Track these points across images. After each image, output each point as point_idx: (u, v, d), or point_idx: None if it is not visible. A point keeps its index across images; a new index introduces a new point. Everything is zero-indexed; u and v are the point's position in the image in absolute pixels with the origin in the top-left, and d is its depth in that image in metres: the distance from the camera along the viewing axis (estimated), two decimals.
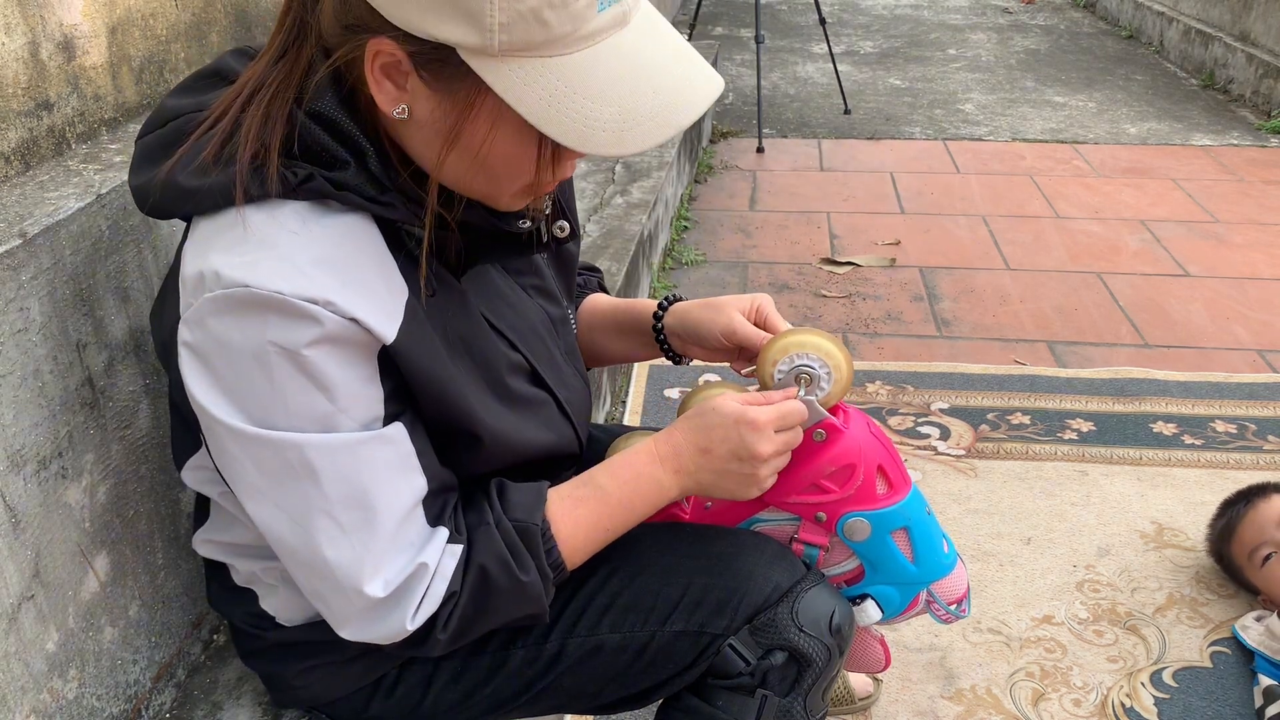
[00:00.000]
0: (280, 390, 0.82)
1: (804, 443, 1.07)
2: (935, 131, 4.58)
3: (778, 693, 1.03)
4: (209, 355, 0.83)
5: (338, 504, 0.86)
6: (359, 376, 0.85)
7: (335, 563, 0.87)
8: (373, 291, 0.84)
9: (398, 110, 0.83)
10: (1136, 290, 3.06)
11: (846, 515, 1.08)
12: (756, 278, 3.19)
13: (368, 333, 0.83)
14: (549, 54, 0.78)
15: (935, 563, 1.13)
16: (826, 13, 6.21)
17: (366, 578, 0.87)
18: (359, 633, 0.91)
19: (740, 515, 1.13)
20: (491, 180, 0.87)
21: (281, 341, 0.81)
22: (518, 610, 0.95)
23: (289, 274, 0.80)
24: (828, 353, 1.07)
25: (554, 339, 1.08)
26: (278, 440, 0.83)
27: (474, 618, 0.93)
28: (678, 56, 0.84)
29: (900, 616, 1.16)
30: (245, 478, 0.87)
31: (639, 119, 0.80)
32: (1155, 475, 2.19)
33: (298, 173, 0.83)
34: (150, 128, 0.94)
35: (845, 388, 1.08)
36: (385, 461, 0.87)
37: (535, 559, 0.94)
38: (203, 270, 0.82)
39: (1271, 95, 4.70)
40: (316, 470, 0.84)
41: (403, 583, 0.88)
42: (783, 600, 1.03)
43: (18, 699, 0.99)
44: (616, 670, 1.05)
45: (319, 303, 0.80)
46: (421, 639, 0.92)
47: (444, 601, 0.91)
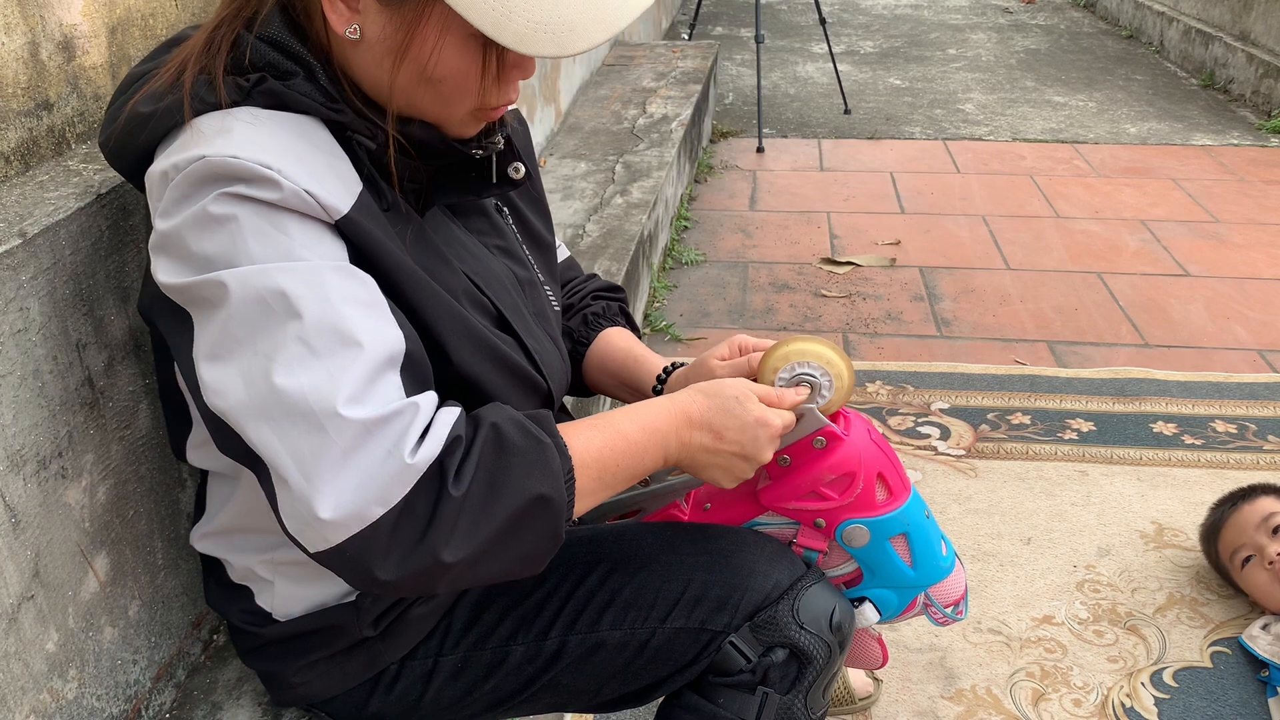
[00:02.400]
0: (239, 231, 0.81)
1: (804, 450, 1.07)
2: (935, 131, 4.58)
3: (779, 690, 1.03)
4: (175, 237, 0.83)
5: (311, 328, 0.78)
6: (316, 235, 0.84)
7: (306, 388, 0.76)
8: (325, 176, 0.85)
9: (350, 30, 0.86)
10: (1136, 290, 3.06)
11: (845, 522, 1.08)
12: (756, 278, 3.19)
13: (320, 205, 0.83)
14: None
15: (933, 566, 1.13)
16: (826, 13, 6.21)
17: (344, 399, 0.76)
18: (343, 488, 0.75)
19: (739, 519, 1.13)
20: (440, 98, 0.89)
21: (239, 191, 0.81)
22: (536, 483, 0.81)
23: (244, 144, 0.82)
24: (829, 361, 1.07)
25: (521, 296, 1.06)
26: (242, 272, 0.79)
27: (491, 480, 0.79)
28: None
29: (898, 618, 1.16)
30: (214, 338, 0.81)
31: (578, 22, 0.83)
32: (1155, 475, 2.19)
33: (250, 78, 0.86)
34: (116, 97, 0.96)
35: (846, 396, 1.08)
36: (360, 296, 0.82)
37: (551, 435, 0.85)
38: (164, 169, 0.84)
39: (1272, 95, 4.70)
40: (286, 293, 0.79)
41: (390, 412, 0.77)
42: (783, 598, 1.03)
43: (18, 699, 0.99)
44: (617, 667, 1.05)
45: (273, 167, 0.81)
46: (429, 503, 0.77)
47: (448, 445, 0.79)
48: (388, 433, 0.77)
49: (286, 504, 0.79)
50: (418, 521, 0.77)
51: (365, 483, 0.75)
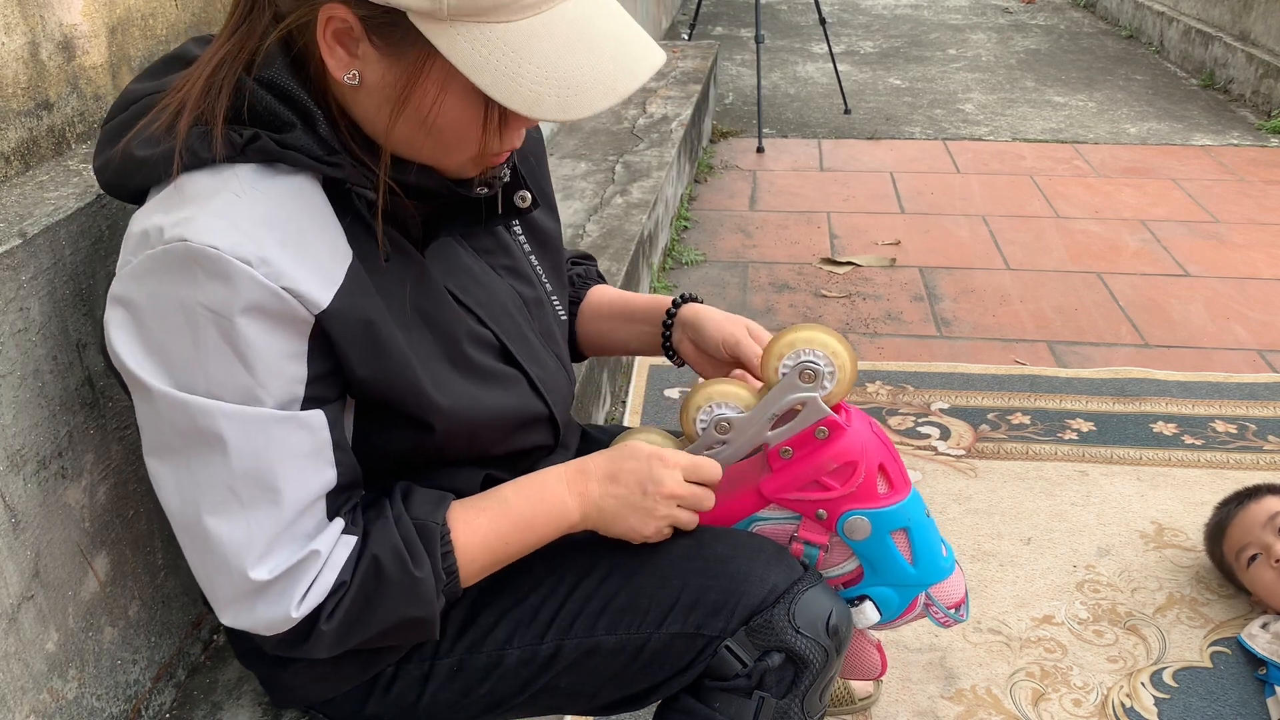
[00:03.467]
0: (203, 354, 0.82)
1: (806, 440, 1.08)
2: (935, 131, 4.58)
3: (775, 694, 1.02)
4: (139, 311, 0.83)
5: (241, 478, 0.84)
6: (284, 351, 0.84)
7: (226, 539, 0.85)
8: (313, 254, 0.84)
9: (349, 76, 0.84)
10: (1136, 290, 3.06)
11: (847, 513, 1.08)
12: (756, 278, 3.19)
13: (300, 301, 0.83)
14: (497, 20, 0.79)
15: (934, 565, 1.13)
16: (826, 13, 6.21)
17: (254, 560, 0.85)
18: (239, 618, 0.88)
19: (740, 513, 1.13)
20: (441, 146, 0.88)
21: (211, 304, 0.80)
22: (406, 608, 0.92)
23: (226, 230, 0.80)
24: (834, 351, 1.08)
25: (527, 319, 1.07)
26: (193, 404, 0.82)
27: (360, 613, 0.90)
28: (622, 26, 0.85)
29: (898, 620, 1.16)
30: (155, 436, 0.86)
31: (583, 86, 0.81)
32: (1155, 475, 2.19)
33: (243, 134, 0.84)
34: (113, 113, 0.95)
35: (849, 386, 1.09)
36: (297, 447, 0.86)
37: (431, 557, 0.93)
38: (146, 228, 0.83)
39: (1272, 95, 4.70)
40: (226, 440, 0.83)
41: (290, 568, 0.87)
42: (779, 601, 1.03)
43: (18, 699, 0.99)
44: (613, 671, 1.05)
45: (253, 262, 0.80)
46: (304, 634, 0.90)
47: (332, 591, 0.89)
48: (281, 588, 0.87)
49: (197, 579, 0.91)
50: (297, 641, 0.91)
51: (258, 619, 0.88)
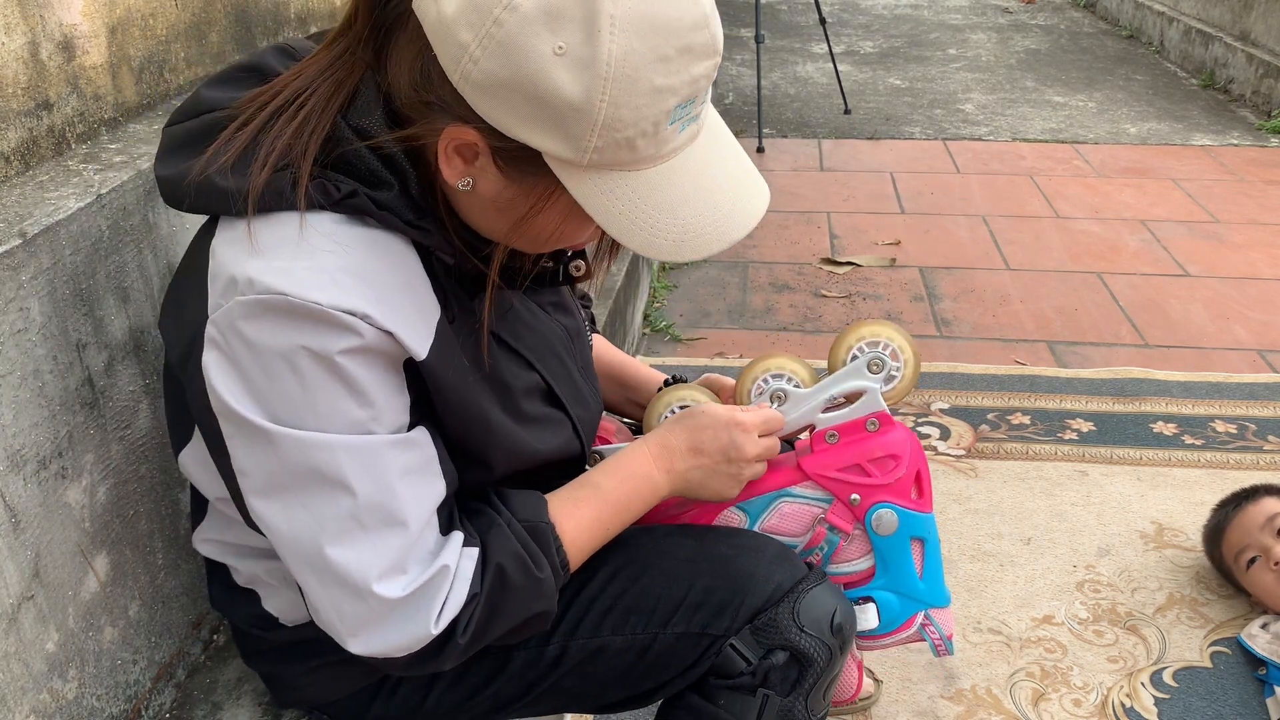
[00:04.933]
0: (311, 392, 0.81)
1: (856, 428, 1.13)
2: (935, 131, 4.58)
3: (779, 692, 1.03)
4: (238, 356, 0.82)
5: (364, 507, 0.84)
6: (389, 385, 0.85)
7: (353, 564, 0.84)
8: (406, 309, 0.84)
9: (463, 184, 0.84)
10: (1136, 290, 3.06)
11: (880, 504, 1.13)
12: (756, 278, 3.19)
13: (399, 346, 0.83)
14: (628, 169, 0.82)
15: (938, 587, 1.17)
16: (826, 13, 6.20)
17: (384, 577, 0.85)
18: (372, 642, 0.87)
19: (772, 486, 1.15)
20: (539, 247, 0.92)
21: (314, 347, 0.80)
22: (531, 608, 0.93)
23: (325, 285, 0.80)
24: (906, 353, 1.14)
25: (571, 355, 1.08)
26: (308, 440, 0.82)
27: (490, 619, 0.91)
28: (735, 171, 0.88)
29: (893, 634, 1.18)
30: (265, 479, 0.85)
31: (698, 232, 0.85)
32: (1155, 475, 2.19)
33: (341, 187, 0.83)
34: (182, 117, 0.93)
35: (908, 390, 1.15)
36: (410, 466, 0.87)
37: (548, 557, 0.94)
38: (235, 275, 0.81)
39: (1272, 95, 4.70)
40: (345, 473, 0.83)
41: (424, 585, 0.87)
42: (784, 600, 1.03)
43: (18, 699, 0.99)
44: (619, 672, 1.05)
45: (356, 314, 0.80)
46: (439, 647, 0.89)
47: (465, 604, 0.89)
48: (417, 605, 0.87)
49: (319, 620, 0.89)
50: (429, 657, 0.90)
51: (392, 642, 0.87)
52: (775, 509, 1.14)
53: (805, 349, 2.76)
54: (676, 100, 0.79)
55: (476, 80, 0.77)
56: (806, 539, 1.15)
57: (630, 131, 0.78)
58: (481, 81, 0.77)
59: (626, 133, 0.78)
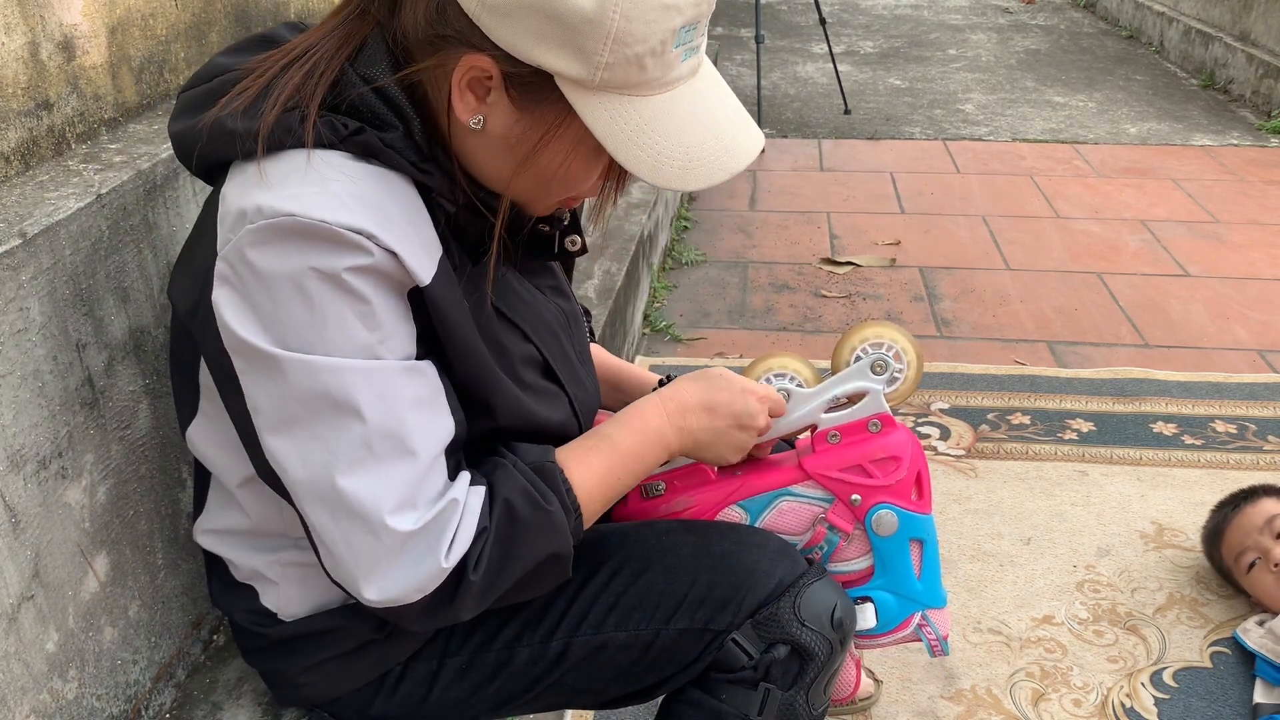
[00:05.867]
0: (319, 315, 0.82)
1: (858, 429, 1.14)
2: (935, 131, 4.58)
3: (780, 686, 1.03)
4: (247, 285, 0.83)
5: (375, 433, 0.83)
6: (396, 310, 0.86)
7: (364, 495, 0.84)
8: (410, 236, 0.86)
9: (474, 121, 0.87)
10: (1136, 290, 3.06)
11: (880, 505, 1.13)
12: (756, 278, 3.19)
13: (404, 269, 0.84)
14: (634, 94, 0.85)
15: (936, 588, 1.17)
16: (826, 13, 6.21)
17: (397, 511, 0.84)
18: (385, 585, 0.85)
19: (774, 484, 1.15)
20: (542, 191, 0.93)
21: (323, 266, 0.81)
22: (545, 546, 0.92)
23: (333, 206, 0.82)
24: (910, 355, 1.15)
25: (568, 336, 1.09)
26: (318, 364, 0.82)
27: (503, 557, 0.90)
28: (733, 109, 0.93)
29: (889, 635, 1.18)
30: (277, 411, 0.84)
31: (701, 160, 0.88)
32: (1155, 475, 2.19)
33: (348, 125, 0.86)
34: (196, 82, 0.96)
35: (910, 391, 1.16)
36: (420, 396, 0.87)
37: (556, 493, 0.93)
38: (244, 207, 0.83)
39: (1272, 95, 4.70)
40: (355, 397, 0.83)
41: (433, 518, 0.86)
42: (785, 594, 1.04)
43: (18, 699, 0.99)
44: (621, 668, 1.05)
45: (362, 233, 0.82)
46: (451, 592, 0.88)
47: (475, 538, 0.88)
48: (428, 538, 0.86)
49: (333, 567, 0.88)
50: (444, 600, 0.88)
51: (407, 580, 0.86)
52: (776, 507, 1.14)
53: (805, 349, 2.76)
54: (682, 20, 0.83)
55: (492, 3, 0.80)
56: (807, 538, 1.15)
57: (640, 48, 0.81)
58: (496, 3, 0.80)
59: (636, 49, 0.81)
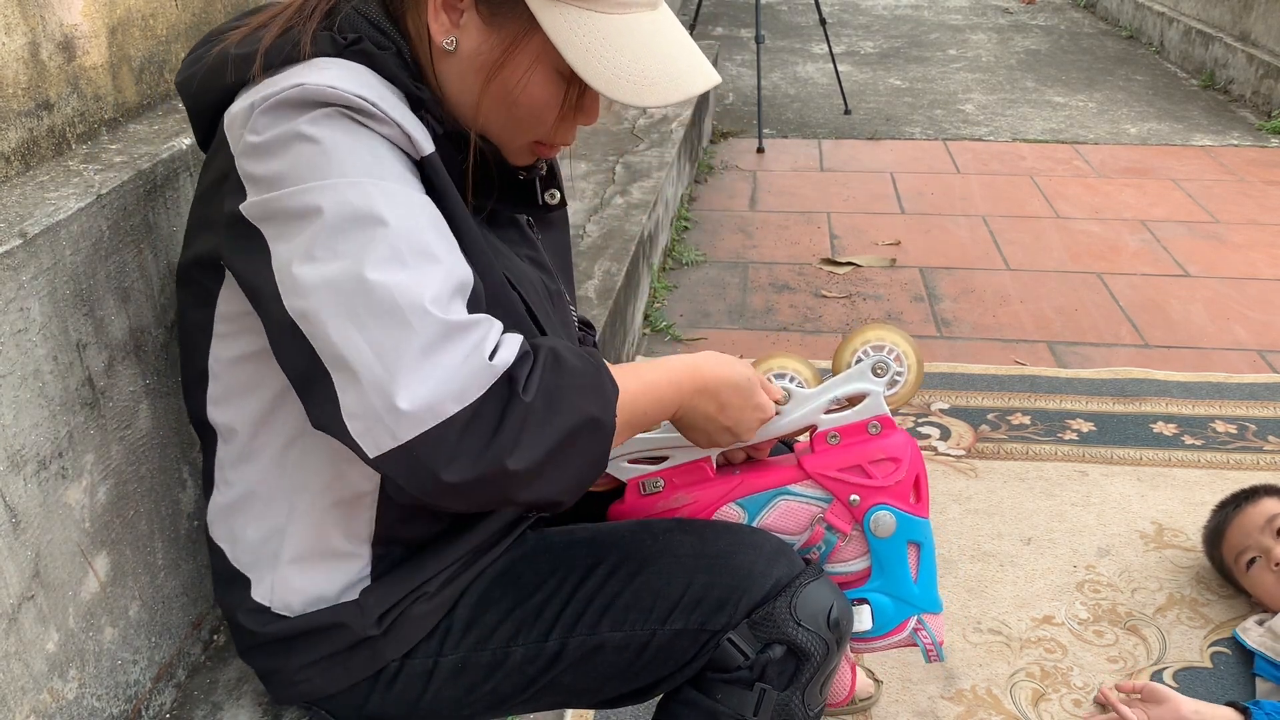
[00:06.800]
0: (331, 148, 0.85)
1: (857, 430, 1.14)
2: (935, 131, 4.58)
3: (776, 686, 1.03)
4: (263, 156, 0.86)
5: (400, 236, 0.81)
6: (404, 165, 0.89)
7: (396, 285, 0.79)
8: (408, 120, 0.90)
9: (447, 41, 0.92)
10: (1136, 290, 3.06)
11: (878, 506, 1.13)
12: (756, 278, 3.19)
13: (408, 139, 0.89)
14: (594, 9, 0.90)
15: (931, 593, 1.18)
16: (826, 13, 6.21)
17: (433, 297, 0.80)
18: (423, 381, 0.77)
19: (773, 483, 1.16)
20: (511, 123, 0.96)
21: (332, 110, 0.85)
22: (593, 400, 0.86)
23: (338, 80, 0.86)
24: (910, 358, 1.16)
25: (549, 304, 1.10)
26: (335, 182, 0.83)
27: (553, 394, 0.83)
28: (689, 47, 0.97)
29: (884, 638, 1.18)
30: (301, 243, 0.82)
31: (656, 80, 0.92)
32: (1155, 475, 2.19)
33: (346, 37, 0.92)
34: (196, 48, 1.02)
35: (910, 394, 1.16)
36: (437, 225, 0.87)
37: (600, 364, 0.90)
38: (251, 101, 0.88)
39: (1272, 95, 4.70)
40: (376, 205, 0.82)
41: (472, 320, 0.81)
42: (781, 594, 1.04)
43: (18, 699, 0.99)
44: (618, 668, 1.05)
45: (369, 100, 0.86)
46: (501, 406, 0.80)
47: (519, 358, 0.83)
48: (469, 336, 0.80)
49: (356, 402, 0.79)
50: (488, 424, 0.79)
51: (446, 377, 0.78)
52: (774, 506, 1.14)
53: (805, 349, 2.76)
54: None
55: None
56: (805, 537, 1.15)
57: None
58: None
59: None
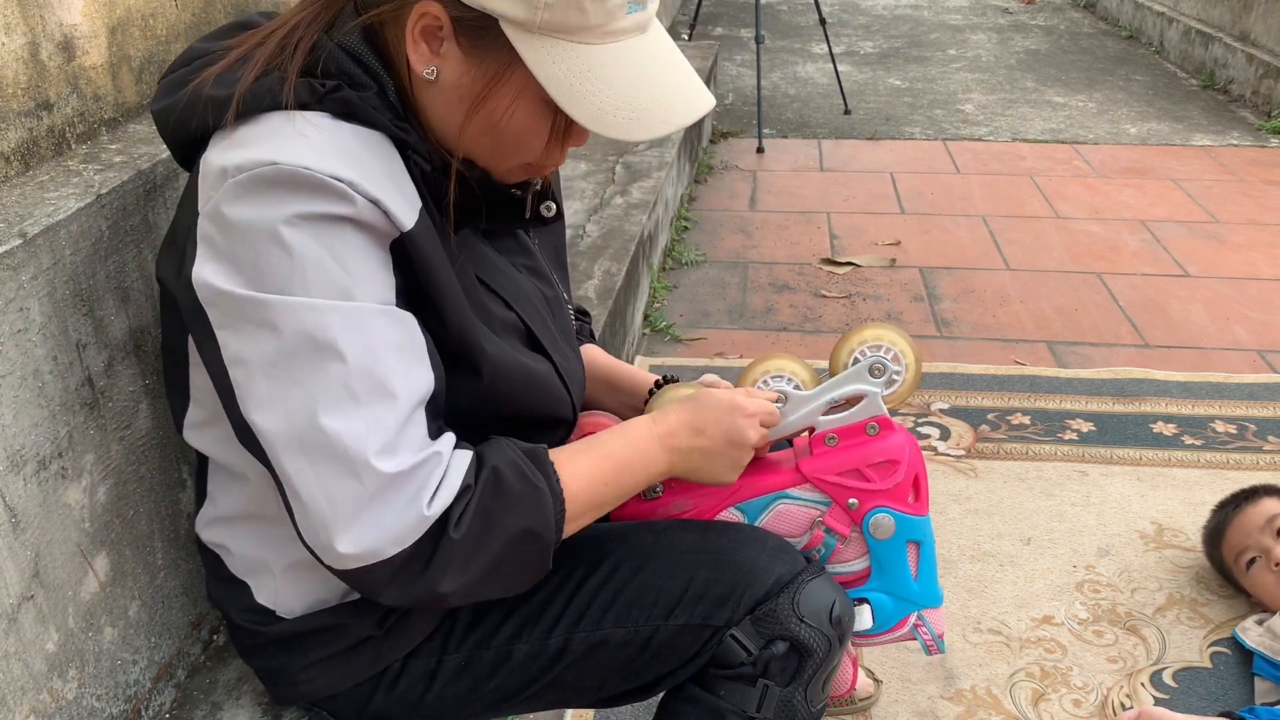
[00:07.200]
0: (299, 261, 0.82)
1: (855, 432, 1.13)
2: (935, 131, 4.58)
3: (779, 683, 1.03)
4: (230, 238, 0.84)
5: (355, 373, 0.83)
6: (375, 260, 0.86)
7: (346, 434, 0.82)
8: (390, 187, 0.87)
9: (427, 71, 0.89)
10: (1136, 290, 3.06)
11: (877, 509, 1.13)
12: (756, 278, 3.19)
13: (387, 217, 0.85)
14: (579, 40, 0.86)
15: (932, 589, 1.17)
16: (826, 13, 6.21)
17: (378, 450, 0.82)
18: (364, 534, 0.83)
19: (771, 487, 1.15)
20: (499, 149, 0.94)
21: (303, 211, 0.82)
22: (527, 519, 0.90)
23: (314, 156, 0.83)
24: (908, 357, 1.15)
25: (550, 317, 1.09)
26: (296, 305, 0.82)
27: (486, 524, 0.87)
28: (682, 69, 0.93)
29: (885, 634, 1.18)
30: (253, 358, 0.84)
31: (644, 113, 0.88)
32: (1155, 475, 2.19)
33: (326, 84, 0.88)
34: (174, 68, 0.97)
35: (909, 393, 1.16)
36: (398, 341, 0.86)
37: (545, 474, 0.92)
38: (225, 164, 0.84)
39: (1272, 95, 4.70)
40: (335, 337, 0.82)
41: (417, 464, 0.84)
42: (784, 591, 1.04)
43: (18, 699, 0.99)
44: (620, 664, 1.06)
45: (343, 180, 0.83)
46: (430, 549, 0.85)
47: (459, 494, 0.86)
48: (411, 483, 0.84)
49: (306, 526, 0.86)
50: (420, 561, 0.86)
51: (384, 527, 0.83)
52: (773, 510, 1.14)
53: (805, 349, 2.76)
54: None
55: None
56: (804, 541, 1.15)
57: None
58: None
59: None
